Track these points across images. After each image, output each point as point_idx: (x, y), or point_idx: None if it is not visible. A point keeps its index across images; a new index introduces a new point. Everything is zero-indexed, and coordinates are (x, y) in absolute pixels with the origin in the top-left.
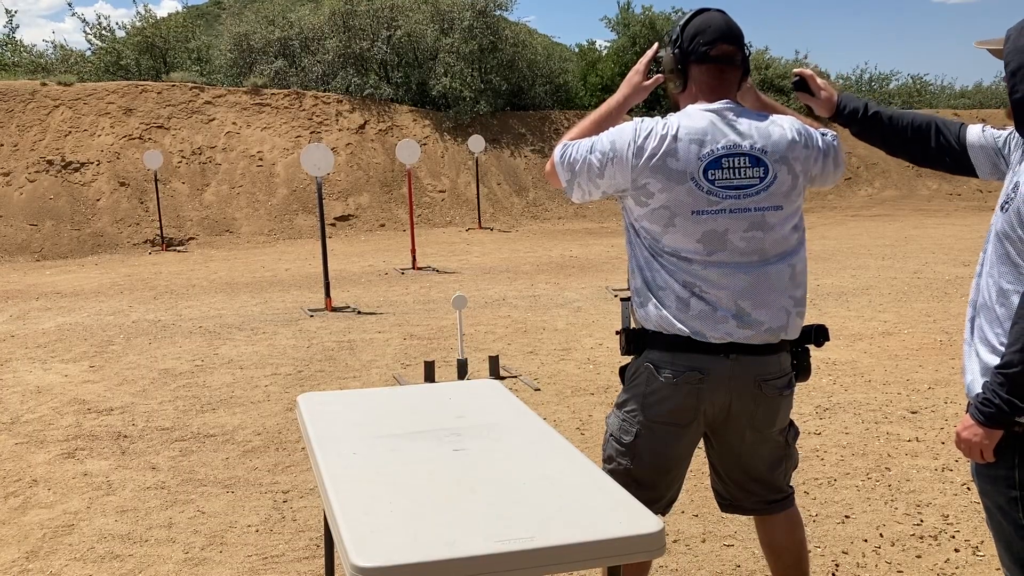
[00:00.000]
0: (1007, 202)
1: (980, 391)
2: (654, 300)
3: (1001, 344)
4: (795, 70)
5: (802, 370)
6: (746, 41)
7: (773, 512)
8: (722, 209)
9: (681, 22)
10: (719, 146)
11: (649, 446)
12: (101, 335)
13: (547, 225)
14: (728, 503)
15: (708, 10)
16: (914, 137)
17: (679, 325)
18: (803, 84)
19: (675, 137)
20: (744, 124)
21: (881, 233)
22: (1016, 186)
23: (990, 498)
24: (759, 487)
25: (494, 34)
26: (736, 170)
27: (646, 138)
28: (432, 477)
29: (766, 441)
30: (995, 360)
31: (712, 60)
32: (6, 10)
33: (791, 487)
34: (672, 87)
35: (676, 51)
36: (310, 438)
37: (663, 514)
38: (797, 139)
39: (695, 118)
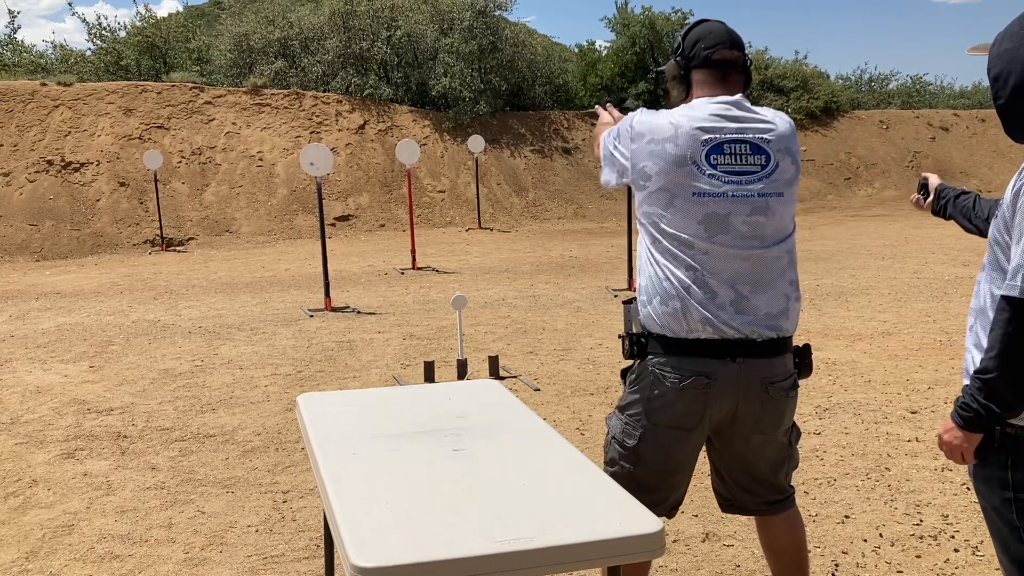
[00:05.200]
0: (977, 203)
1: (960, 395)
2: (658, 296)
3: None
4: (925, 174)
5: (803, 367)
6: (747, 43)
7: (775, 513)
8: (724, 193)
9: (682, 32)
10: (722, 133)
11: (653, 450)
12: (101, 335)
13: (547, 225)
14: (729, 503)
15: (709, 20)
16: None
17: (681, 321)
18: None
19: (676, 124)
20: (748, 114)
21: (881, 233)
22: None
23: (986, 499)
24: (761, 488)
25: (494, 34)
26: (738, 156)
27: (647, 125)
28: (432, 477)
29: (771, 443)
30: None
31: (714, 64)
32: (9, 10)
33: (792, 487)
34: (675, 95)
35: (678, 58)
36: (310, 438)
37: (668, 516)
38: (795, 132)
39: (699, 108)
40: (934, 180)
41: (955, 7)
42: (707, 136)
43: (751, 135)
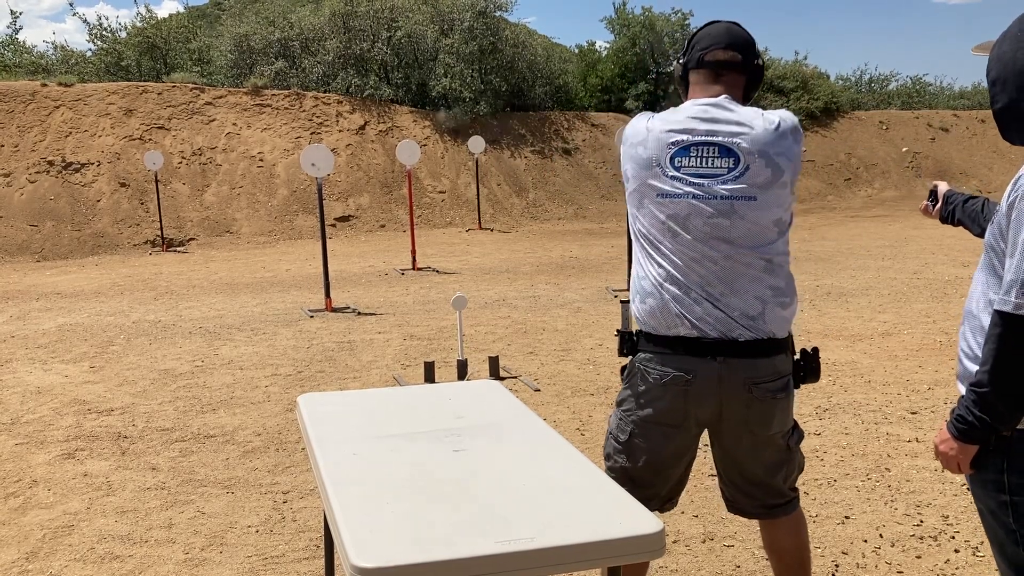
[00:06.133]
0: (985, 207)
1: (956, 406)
2: (639, 294)
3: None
4: (936, 183)
5: (810, 372)
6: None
7: (774, 516)
8: (685, 194)
9: (690, 36)
10: (690, 136)
11: (643, 445)
12: (101, 335)
13: (547, 226)
14: (731, 505)
15: (717, 22)
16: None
17: (659, 318)
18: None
19: (649, 128)
20: (726, 116)
21: (881, 234)
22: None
23: (982, 502)
24: (758, 491)
25: (494, 35)
26: (704, 159)
27: (630, 128)
28: (432, 477)
29: (766, 445)
30: (976, 369)
31: (706, 65)
32: (11, 11)
33: (795, 490)
34: (681, 96)
35: (679, 61)
36: (310, 438)
37: (662, 510)
38: (785, 132)
39: (678, 111)
40: (943, 187)
41: (955, 7)
42: (675, 139)
43: (721, 137)
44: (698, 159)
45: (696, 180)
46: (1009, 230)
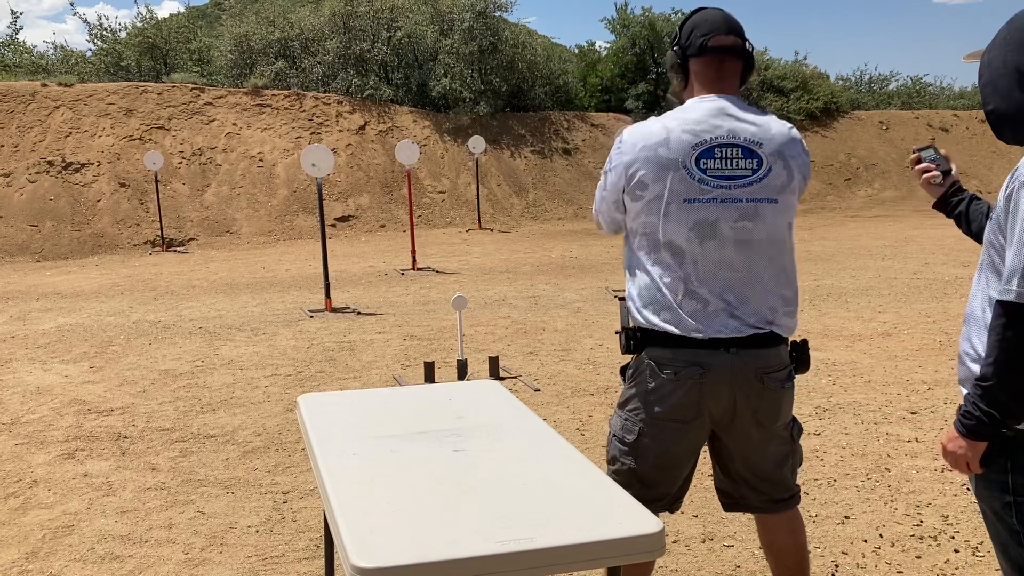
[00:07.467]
0: (991, 211)
1: (963, 403)
2: (651, 306)
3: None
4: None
5: (801, 363)
6: (747, 37)
7: (780, 511)
8: (712, 198)
9: (681, 22)
10: (713, 136)
11: (652, 444)
12: (101, 336)
13: (547, 226)
14: (734, 502)
15: (706, 8)
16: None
17: (674, 329)
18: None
19: (668, 128)
20: (742, 116)
21: (881, 234)
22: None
23: (986, 503)
24: (766, 485)
25: (494, 35)
26: (729, 160)
27: (642, 131)
28: (432, 477)
29: (773, 437)
30: (978, 368)
31: (709, 51)
32: (11, 11)
33: (797, 486)
34: (675, 84)
35: (676, 48)
36: (310, 439)
37: (670, 511)
38: (796, 139)
39: (691, 110)
40: (954, 167)
41: (955, 8)
42: (697, 140)
43: (743, 138)
44: (723, 160)
45: (723, 183)
46: (1009, 220)
